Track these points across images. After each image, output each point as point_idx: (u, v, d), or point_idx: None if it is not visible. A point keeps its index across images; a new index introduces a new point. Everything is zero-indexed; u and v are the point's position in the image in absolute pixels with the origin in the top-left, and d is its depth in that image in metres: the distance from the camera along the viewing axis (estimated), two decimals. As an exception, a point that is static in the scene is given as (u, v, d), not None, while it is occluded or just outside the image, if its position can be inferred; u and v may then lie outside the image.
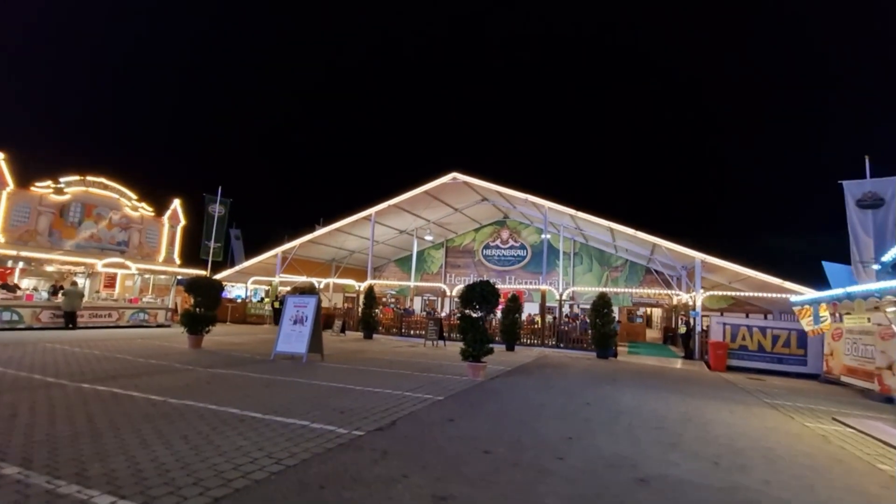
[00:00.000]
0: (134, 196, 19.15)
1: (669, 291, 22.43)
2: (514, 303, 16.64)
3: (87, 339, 12.51)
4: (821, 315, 7.13)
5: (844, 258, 15.29)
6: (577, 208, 18.81)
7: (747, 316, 22.32)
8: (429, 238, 26.79)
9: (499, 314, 16.71)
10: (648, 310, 29.06)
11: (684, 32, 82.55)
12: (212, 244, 24.29)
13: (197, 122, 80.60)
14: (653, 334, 27.81)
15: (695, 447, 5.17)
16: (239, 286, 29.00)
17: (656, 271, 25.35)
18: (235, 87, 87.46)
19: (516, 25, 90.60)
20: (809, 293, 14.85)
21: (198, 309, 11.93)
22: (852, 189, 15.28)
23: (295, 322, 11.00)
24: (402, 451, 4.36)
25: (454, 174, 20.64)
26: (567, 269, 26.40)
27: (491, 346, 9.52)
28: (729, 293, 19.66)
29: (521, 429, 5.52)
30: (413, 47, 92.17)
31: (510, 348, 16.25)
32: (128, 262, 17.55)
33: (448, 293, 23.90)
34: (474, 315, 9.42)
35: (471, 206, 25.32)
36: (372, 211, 22.29)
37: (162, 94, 78.11)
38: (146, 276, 19.35)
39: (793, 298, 8.84)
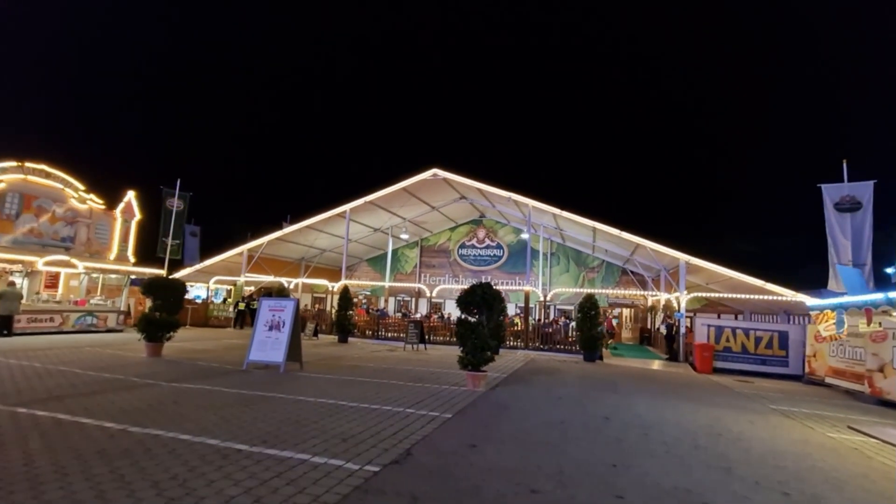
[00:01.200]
0: (81, 186, 17.33)
1: (646, 292, 22.46)
2: (501, 304, 16.01)
3: (26, 347, 10.96)
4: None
5: (822, 260, 15.54)
6: (562, 207, 18.43)
7: (719, 316, 22.61)
8: (404, 237, 25.87)
9: None
10: (621, 310, 29.24)
11: (673, 36, 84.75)
12: (169, 241, 22.52)
13: (155, 111, 75.99)
14: (625, 335, 27.95)
15: (749, 472, 4.63)
16: (199, 286, 27.11)
17: (632, 272, 25.41)
18: (199, 75, 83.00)
19: (508, 23, 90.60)
20: (798, 296, 15.00)
21: (157, 313, 10.65)
22: (831, 192, 15.53)
23: (271, 328, 9.94)
24: (434, 496, 3.56)
25: (435, 170, 19.86)
26: (544, 269, 26.09)
27: (491, 353, 8.82)
28: (705, 294, 19.79)
29: (554, 455, 4.83)
30: (396, 41, 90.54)
31: (495, 351, 15.61)
32: (74, 260, 15.78)
33: (427, 293, 23.09)
34: (473, 320, 8.69)
35: (448, 204, 24.58)
36: (347, 207, 21.18)
37: (118, 79, 73.07)
38: (94, 275, 17.54)
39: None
